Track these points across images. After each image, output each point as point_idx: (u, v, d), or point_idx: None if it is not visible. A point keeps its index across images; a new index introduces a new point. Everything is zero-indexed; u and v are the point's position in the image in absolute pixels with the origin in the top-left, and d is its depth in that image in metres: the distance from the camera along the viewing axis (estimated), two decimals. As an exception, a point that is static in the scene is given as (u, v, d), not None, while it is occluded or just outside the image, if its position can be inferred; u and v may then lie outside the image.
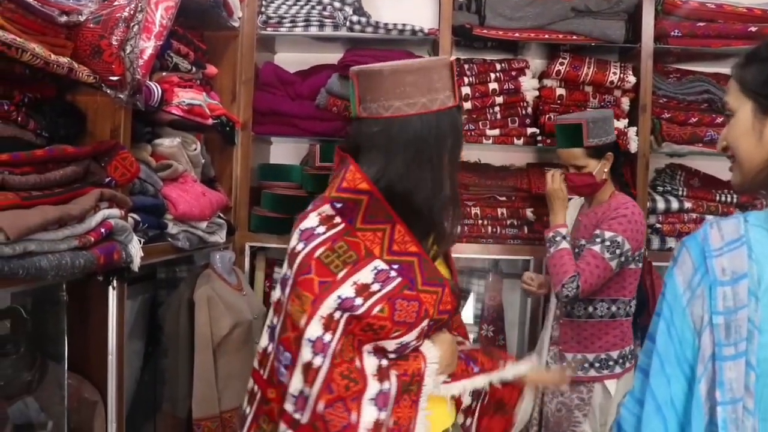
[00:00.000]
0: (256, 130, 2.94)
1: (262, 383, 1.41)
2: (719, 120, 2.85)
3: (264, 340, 1.42)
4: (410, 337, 1.35)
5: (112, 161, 1.74)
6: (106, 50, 1.65)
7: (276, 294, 1.40)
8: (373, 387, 1.28)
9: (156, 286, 2.69)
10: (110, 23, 1.68)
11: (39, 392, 1.74)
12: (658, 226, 2.88)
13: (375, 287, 1.31)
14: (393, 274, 1.33)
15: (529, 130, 2.89)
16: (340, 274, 1.31)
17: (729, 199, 2.90)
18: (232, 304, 2.44)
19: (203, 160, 2.54)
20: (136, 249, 1.78)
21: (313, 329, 1.27)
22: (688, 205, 2.89)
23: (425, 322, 1.35)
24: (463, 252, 2.83)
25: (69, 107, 1.77)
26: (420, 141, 1.34)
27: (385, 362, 1.32)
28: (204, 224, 2.36)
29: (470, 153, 3.14)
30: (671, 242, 2.87)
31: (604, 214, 2.35)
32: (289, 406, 1.30)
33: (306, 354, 1.27)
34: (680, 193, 2.92)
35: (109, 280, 1.79)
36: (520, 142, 2.90)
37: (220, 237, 2.52)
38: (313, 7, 2.86)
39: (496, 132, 2.90)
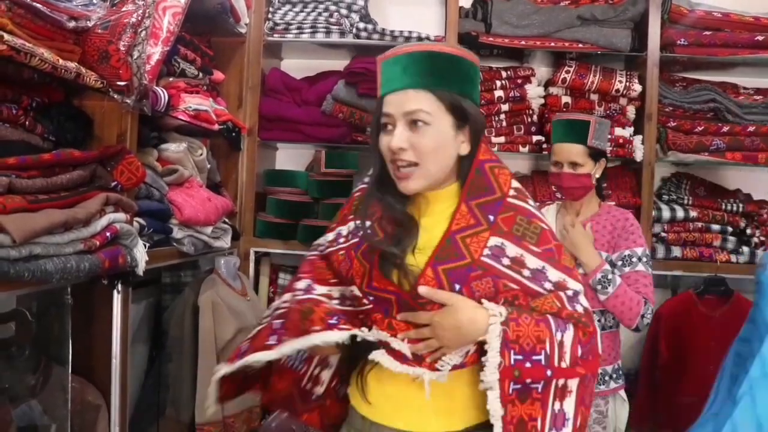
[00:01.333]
0: (262, 135, 2.95)
1: None
2: (725, 129, 2.85)
3: None
4: (353, 290, 1.43)
5: (118, 166, 1.75)
6: (113, 55, 1.66)
7: None
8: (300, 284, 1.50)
9: (161, 290, 2.69)
10: (118, 29, 1.69)
11: (43, 395, 1.74)
12: (664, 234, 2.87)
13: (342, 241, 1.50)
14: (352, 238, 1.47)
15: (535, 138, 2.89)
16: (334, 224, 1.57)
17: (735, 208, 2.89)
18: (236, 309, 2.45)
19: (209, 166, 2.55)
20: (141, 253, 1.78)
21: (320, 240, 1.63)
22: (693, 214, 2.88)
23: (353, 288, 1.42)
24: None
25: (76, 112, 1.78)
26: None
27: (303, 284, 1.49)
28: (209, 229, 2.36)
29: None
30: (676, 251, 2.86)
31: (615, 228, 2.31)
32: None
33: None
34: (686, 201, 2.91)
35: (114, 284, 1.79)
36: (526, 149, 2.90)
37: (225, 242, 2.53)
38: (319, 14, 2.87)
39: (502, 139, 2.90)
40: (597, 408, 2.29)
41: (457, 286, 1.32)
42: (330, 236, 1.55)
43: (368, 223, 1.42)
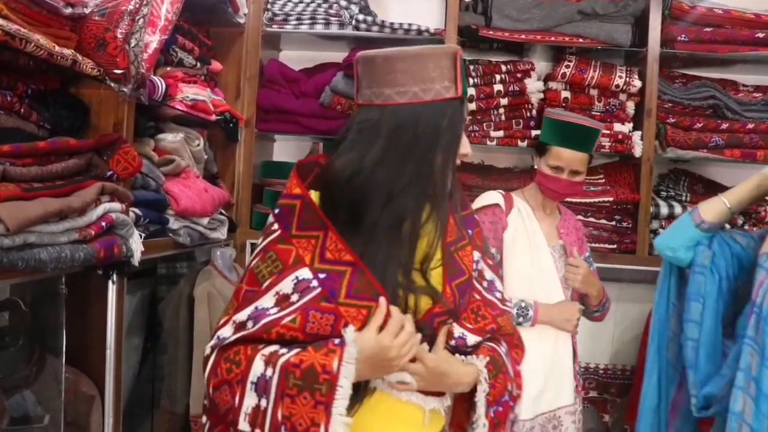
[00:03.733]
0: (260, 127, 2.93)
1: None
2: (724, 126, 2.84)
3: None
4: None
5: (114, 155, 1.73)
6: (110, 43, 1.64)
7: None
8: (257, 368, 1.22)
9: (156, 281, 2.68)
10: (115, 16, 1.67)
11: (36, 386, 1.73)
12: (661, 230, 2.87)
13: (294, 297, 1.27)
14: (314, 284, 1.27)
15: (534, 133, 2.88)
16: (265, 284, 1.29)
17: (733, 206, 2.89)
18: (232, 301, 2.44)
19: (206, 156, 2.53)
20: (136, 243, 1.77)
21: (224, 331, 1.28)
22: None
23: (343, 332, 1.25)
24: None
25: (72, 100, 1.76)
26: (405, 131, 1.27)
27: (284, 350, 1.22)
28: (205, 220, 2.35)
29: (474, 154, 3.13)
30: (674, 248, 2.86)
31: (578, 229, 2.43)
32: (204, 396, 1.32)
33: (207, 348, 1.29)
34: (684, 198, 2.91)
35: (109, 275, 1.78)
36: (524, 144, 2.89)
37: (222, 233, 2.51)
38: (319, 5, 2.85)
39: (501, 133, 2.89)
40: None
41: (461, 299, 1.36)
42: (267, 303, 1.28)
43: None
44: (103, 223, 1.63)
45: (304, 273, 1.28)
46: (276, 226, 1.33)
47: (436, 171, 1.29)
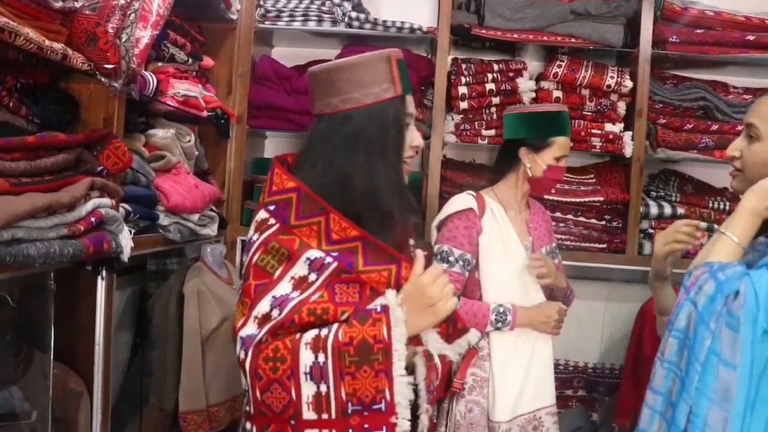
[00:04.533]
0: (251, 123, 2.92)
1: None
2: (714, 127, 2.86)
3: None
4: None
5: (104, 150, 1.73)
6: (101, 38, 1.63)
7: (243, 257, 1.47)
8: (306, 358, 1.27)
9: (146, 277, 2.67)
10: (106, 10, 1.66)
11: (24, 382, 1.72)
12: (651, 231, 2.88)
13: (312, 277, 1.34)
14: (329, 260, 1.35)
15: (525, 132, 2.88)
16: (276, 273, 1.35)
17: (722, 206, 2.91)
18: (222, 298, 2.43)
19: (197, 153, 2.52)
20: (126, 239, 1.76)
21: (247, 329, 1.32)
22: (680, 210, 2.89)
23: (383, 299, 1.33)
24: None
25: (62, 94, 1.75)
26: (357, 134, 1.39)
27: (325, 331, 1.29)
28: (196, 217, 2.34)
29: (466, 153, 3.14)
30: (663, 248, 2.87)
31: (546, 221, 2.45)
32: (245, 402, 1.37)
33: (239, 351, 1.32)
34: (673, 198, 2.92)
35: (98, 270, 1.77)
36: (516, 143, 2.89)
37: (212, 230, 2.51)
38: (311, 2, 2.85)
39: (492, 132, 2.89)
40: None
41: None
42: (284, 290, 1.34)
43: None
44: (93, 219, 1.62)
45: (315, 253, 1.35)
46: (273, 220, 1.39)
47: (392, 165, 1.42)
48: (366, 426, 1.28)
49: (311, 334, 1.29)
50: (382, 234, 1.40)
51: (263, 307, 1.32)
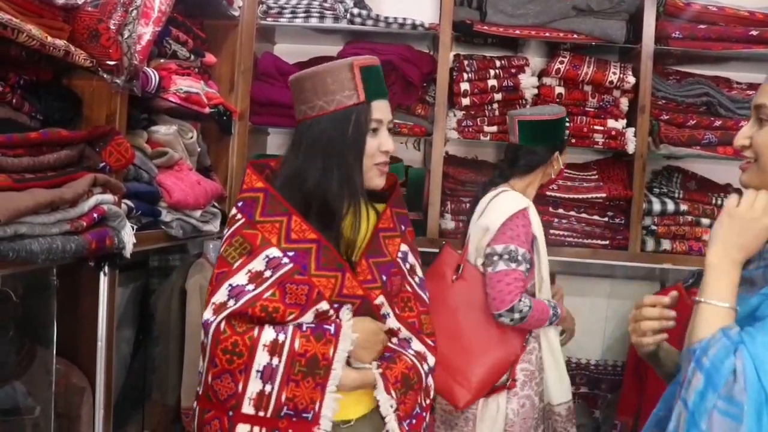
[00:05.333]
0: (254, 120, 2.92)
1: None
2: (717, 123, 2.85)
3: None
4: (308, 318, 1.48)
5: (107, 146, 1.72)
6: (103, 34, 1.63)
7: None
8: (261, 358, 1.41)
9: (148, 273, 2.67)
10: (109, 7, 1.66)
11: (27, 377, 1.72)
12: (654, 227, 2.88)
13: (267, 274, 1.46)
14: (285, 261, 1.47)
15: (528, 128, 2.88)
16: (236, 264, 1.48)
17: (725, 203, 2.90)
18: (224, 294, 2.43)
19: (199, 149, 2.52)
20: (128, 235, 1.76)
21: (206, 314, 1.46)
22: (684, 207, 2.88)
23: (322, 304, 1.47)
24: (458, 248, 2.81)
25: (65, 91, 1.75)
26: (318, 140, 1.50)
27: (282, 336, 1.42)
28: (198, 213, 2.34)
29: (467, 149, 3.14)
30: (666, 244, 2.87)
31: None
32: (198, 383, 1.50)
33: (201, 335, 1.46)
34: (676, 195, 2.92)
35: (101, 266, 1.77)
36: (518, 139, 2.88)
37: (214, 226, 2.50)
38: (314, -1, 2.85)
39: (494, 129, 2.89)
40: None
41: (384, 277, 1.55)
42: (241, 280, 1.47)
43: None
44: (95, 215, 1.62)
45: (274, 252, 1.48)
46: (240, 216, 1.53)
47: (349, 169, 1.50)
48: (290, 431, 1.41)
49: (269, 336, 1.42)
50: (332, 236, 1.51)
51: (221, 295, 1.46)
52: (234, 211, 1.55)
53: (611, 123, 2.86)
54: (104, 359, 1.86)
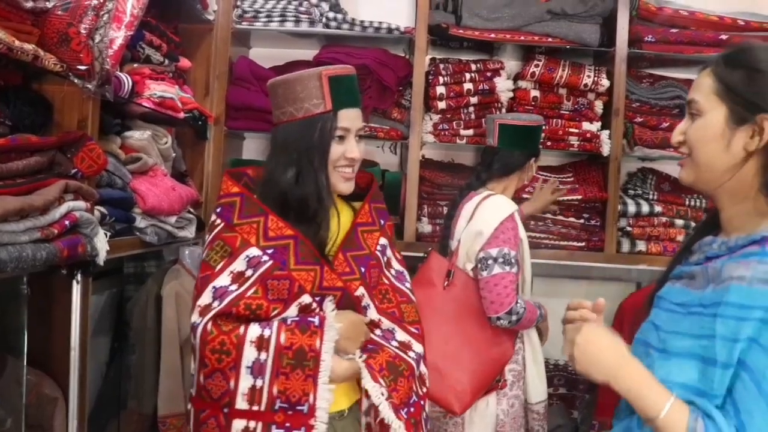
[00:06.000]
0: (229, 124, 2.91)
1: None
2: (690, 125, 2.88)
3: None
4: (292, 312, 1.52)
5: (78, 152, 1.70)
6: (74, 38, 1.61)
7: None
8: (249, 354, 1.44)
9: (123, 281, 2.64)
10: (79, 11, 1.64)
11: (-3, 387, 1.69)
12: (629, 229, 2.91)
13: (249, 273, 1.50)
14: (265, 258, 1.51)
15: (503, 132, 2.89)
16: (218, 267, 1.52)
17: (698, 204, 2.94)
18: (200, 301, 2.41)
19: (174, 154, 2.50)
20: (102, 242, 1.74)
21: (193, 317, 1.49)
22: (658, 208, 2.92)
23: (304, 297, 1.52)
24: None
25: (35, 96, 1.72)
26: (286, 145, 1.56)
27: (268, 332, 1.45)
28: (173, 219, 2.32)
29: (444, 153, 3.14)
30: (641, 245, 2.90)
31: None
32: (191, 385, 1.53)
33: (191, 338, 1.50)
34: (651, 196, 2.95)
35: (74, 274, 1.75)
36: (494, 143, 2.89)
37: (190, 232, 2.48)
38: (289, 3, 2.84)
39: (470, 132, 2.90)
40: None
41: (363, 269, 1.60)
42: (223, 282, 1.50)
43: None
44: (67, 222, 1.59)
45: (253, 251, 1.52)
46: (219, 220, 1.57)
47: (317, 171, 1.55)
48: (288, 424, 1.44)
49: (255, 332, 1.45)
50: (309, 232, 1.56)
51: (206, 298, 1.49)
52: (213, 217, 1.59)
53: (586, 125, 2.88)
54: (78, 368, 1.83)
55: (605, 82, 2.86)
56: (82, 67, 1.65)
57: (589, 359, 1.19)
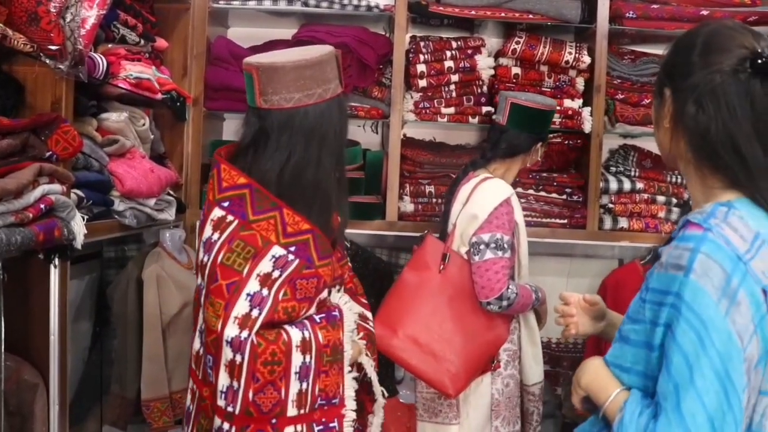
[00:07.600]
0: (208, 105, 2.87)
1: (197, 382, 1.54)
2: (671, 102, 2.89)
3: (196, 343, 1.54)
4: (312, 310, 1.51)
5: (53, 135, 1.67)
6: (43, 17, 1.57)
7: (200, 256, 1.51)
8: (297, 360, 1.42)
9: (103, 264, 2.62)
10: (48, -11, 1.60)
11: (-26, 375, 1.67)
12: (611, 206, 2.91)
13: (275, 274, 1.44)
14: (291, 257, 1.45)
15: (484, 109, 2.88)
16: (245, 271, 1.42)
17: (679, 180, 2.95)
18: (182, 283, 2.40)
19: (152, 136, 2.47)
20: (79, 226, 1.72)
21: (230, 330, 1.39)
22: (639, 185, 2.92)
23: (324, 293, 1.54)
24: (417, 231, 2.81)
25: (5, 77, 1.69)
26: (319, 127, 1.50)
27: (307, 333, 1.45)
28: (152, 201, 2.30)
29: (425, 131, 3.12)
30: (623, 222, 2.90)
31: None
32: (221, 402, 1.41)
33: (227, 353, 1.39)
34: (632, 173, 2.95)
35: (51, 258, 1.73)
36: (475, 120, 2.89)
37: (170, 214, 2.46)
38: (267, -20, 2.79)
39: (451, 110, 2.88)
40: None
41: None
42: (254, 287, 1.42)
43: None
44: (42, 206, 1.57)
45: (278, 250, 1.45)
46: (231, 217, 1.46)
47: (336, 158, 1.54)
48: (324, 420, 1.45)
49: (297, 336, 1.43)
50: (325, 225, 1.53)
51: (241, 307, 1.40)
52: (221, 212, 1.47)
53: (568, 103, 2.87)
54: (57, 353, 1.82)
55: (586, 59, 2.85)
56: (54, 47, 1.62)
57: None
